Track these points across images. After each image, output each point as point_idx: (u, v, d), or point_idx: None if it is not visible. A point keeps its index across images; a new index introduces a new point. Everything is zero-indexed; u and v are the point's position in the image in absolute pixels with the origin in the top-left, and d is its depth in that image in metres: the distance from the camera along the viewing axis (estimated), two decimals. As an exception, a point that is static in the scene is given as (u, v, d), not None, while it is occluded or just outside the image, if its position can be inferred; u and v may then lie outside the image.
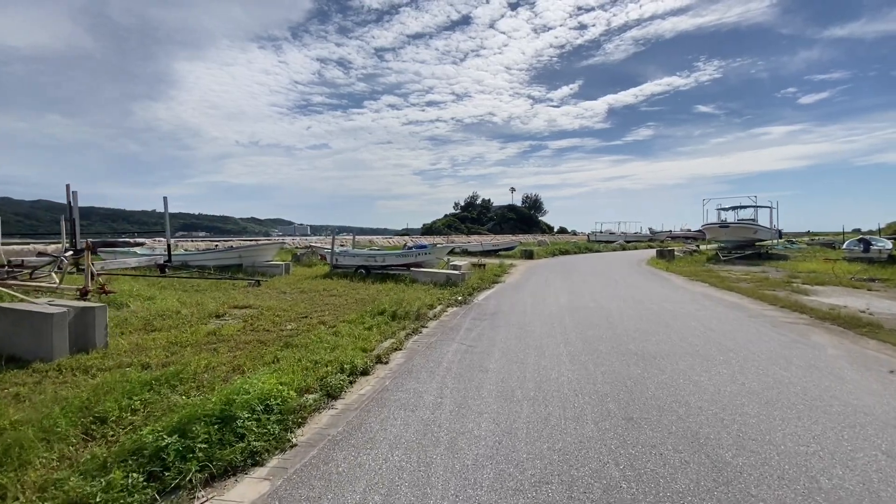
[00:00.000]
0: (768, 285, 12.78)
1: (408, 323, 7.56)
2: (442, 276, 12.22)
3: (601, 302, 10.00)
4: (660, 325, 7.45)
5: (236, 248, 15.77)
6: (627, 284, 13.48)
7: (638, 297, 10.82)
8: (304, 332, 6.71)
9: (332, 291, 11.08)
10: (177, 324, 7.07)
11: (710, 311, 8.80)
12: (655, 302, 9.97)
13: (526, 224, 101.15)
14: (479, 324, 7.76)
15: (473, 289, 11.98)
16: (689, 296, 11.03)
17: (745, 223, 23.79)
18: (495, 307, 9.45)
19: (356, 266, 14.28)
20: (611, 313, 8.57)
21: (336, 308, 8.88)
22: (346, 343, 5.96)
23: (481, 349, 6.07)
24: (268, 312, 8.10)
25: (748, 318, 8.21)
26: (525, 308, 9.29)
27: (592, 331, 7.07)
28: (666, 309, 9.05)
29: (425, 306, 8.94)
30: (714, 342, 6.34)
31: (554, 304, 9.79)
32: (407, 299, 9.16)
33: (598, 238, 51.69)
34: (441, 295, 10.59)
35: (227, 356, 5.41)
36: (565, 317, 8.23)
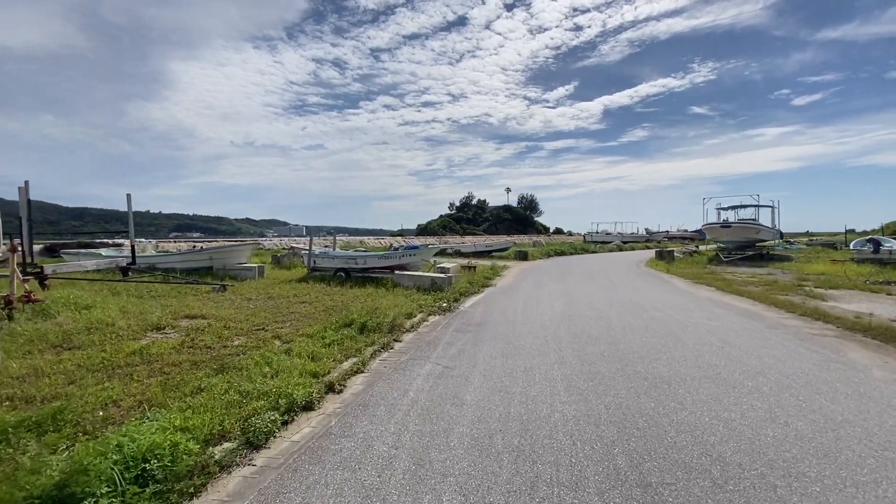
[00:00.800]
0: (779, 289, 11.84)
1: (378, 337, 6.52)
2: (426, 280, 11.19)
3: (600, 309, 9.00)
4: (669, 339, 6.44)
5: (206, 250, 14.66)
6: (627, 288, 12.50)
7: (640, 302, 9.83)
8: (252, 350, 5.66)
9: (303, 297, 10.01)
10: (103, 340, 5.98)
11: (722, 321, 7.82)
12: (660, 309, 8.98)
13: (521, 225, 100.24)
14: (462, 337, 6.72)
15: (460, 294, 10.95)
16: (696, 302, 10.05)
17: (748, 223, 22.90)
18: (482, 316, 8.41)
19: (335, 269, 13.21)
20: (612, 323, 7.56)
21: (301, 318, 7.83)
22: (296, 365, 4.91)
23: (459, 372, 5.04)
24: (218, 324, 7.03)
25: (767, 329, 7.23)
26: (515, 317, 8.26)
27: (592, 346, 6.05)
28: (673, 318, 8.05)
29: (402, 315, 7.90)
30: (736, 361, 5.33)
31: (548, 311, 8.77)
32: (383, 307, 8.12)
33: (595, 238, 50.75)
34: (424, 301, 9.55)
35: (138, 385, 4.35)
36: (560, 328, 7.21)
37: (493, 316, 8.39)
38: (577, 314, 8.45)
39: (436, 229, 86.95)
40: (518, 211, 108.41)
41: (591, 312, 8.60)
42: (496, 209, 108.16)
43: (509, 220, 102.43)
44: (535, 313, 8.59)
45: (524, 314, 8.52)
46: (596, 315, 8.33)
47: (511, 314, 8.53)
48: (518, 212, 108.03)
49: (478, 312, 8.80)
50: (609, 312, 8.59)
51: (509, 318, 8.18)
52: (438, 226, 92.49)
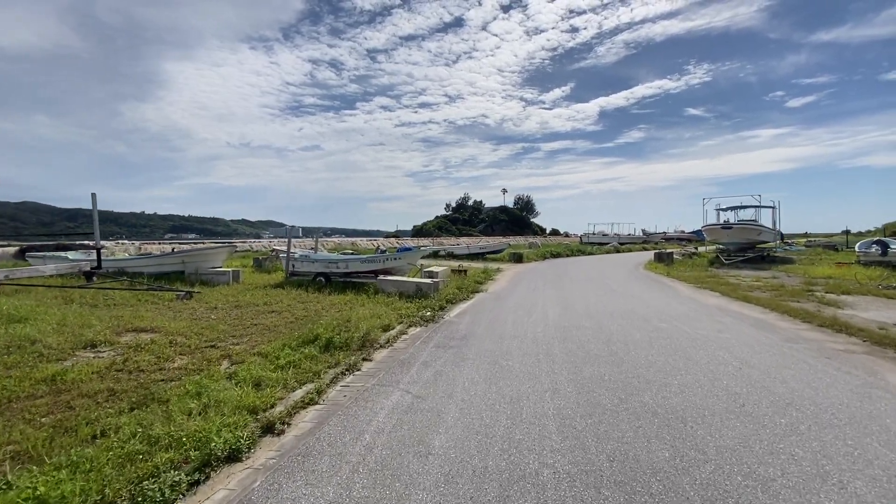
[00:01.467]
0: (788, 295, 11.07)
1: (345, 355, 5.67)
2: (411, 286, 10.34)
3: (599, 319, 8.18)
4: (678, 358, 5.63)
5: (178, 253, 13.74)
6: (627, 294, 11.70)
7: (642, 311, 9.02)
8: (191, 374, 4.81)
9: (273, 306, 9.14)
10: (18, 361, 5.10)
11: (735, 333, 7.01)
12: (665, 319, 8.17)
13: (518, 225, 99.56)
14: (442, 355, 5.88)
15: (447, 301, 10.11)
16: (703, 310, 9.26)
17: (749, 224, 22.18)
18: (468, 328, 7.58)
19: (314, 273, 12.34)
20: (612, 337, 6.74)
21: (263, 331, 6.97)
22: (233, 397, 4.05)
23: (432, 403, 4.20)
24: (164, 340, 6.16)
25: (785, 343, 6.43)
26: (504, 329, 7.43)
27: (590, 367, 5.22)
28: (680, 330, 7.24)
29: (378, 328, 7.06)
30: (760, 387, 4.52)
31: (541, 322, 7.95)
32: (357, 318, 7.27)
33: (591, 240, 50.04)
34: (406, 310, 8.71)
35: (26, 428, 3.48)
36: (554, 344, 6.38)
37: (480, 328, 7.55)
38: (573, 325, 7.63)
39: (431, 230, 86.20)
40: (514, 212, 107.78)
41: (588, 323, 7.78)
42: (492, 210, 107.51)
43: (505, 221, 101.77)
44: (526, 324, 7.76)
45: (515, 326, 7.68)
46: (594, 327, 7.51)
47: (500, 326, 7.70)
48: (514, 213, 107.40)
49: (464, 323, 7.96)
50: (609, 324, 7.77)
51: (498, 330, 7.35)
52: (434, 227, 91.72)
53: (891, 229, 47.21)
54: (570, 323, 7.84)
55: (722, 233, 21.95)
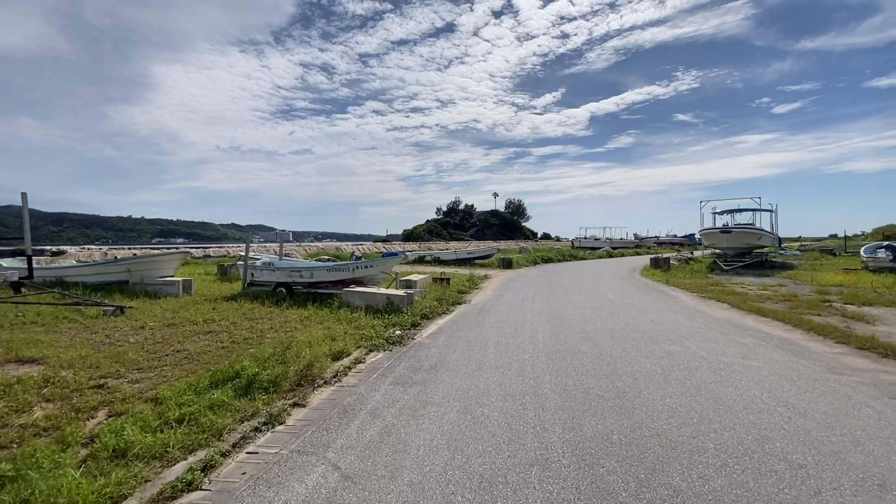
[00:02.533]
0: (805, 307, 9.91)
1: (270, 400, 4.32)
2: (381, 299, 8.99)
3: (598, 341, 6.89)
4: (704, 400, 4.34)
5: (123, 261, 12.23)
6: (627, 306, 10.45)
7: (647, 329, 7.76)
8: (40, 435, 3.42)
9: (213, 324, 7.74)
10: None
11: (764, 360, 5.76)
12: (675, 340, 6.91)
13: (509, 230, 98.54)
14: (399, 398, 4.54)
15: (423, 316, 8.78)
16: (716, 326, 8.02)
17: (749, 228, 21.14)
18: (440, 353, 6.24)
19: (275, 284, 10.93)
20: (616, 367, 5.45)
21: (182, 361, 5.58)
22: (66, 489, 2.67)
23: (361, 492, 2.85)
24: (38, 377, 4.74)
25: (830, 374, 5.19)
26: (484, 355, 6.11)
27: (592, 420, 3.91)
28: (696, 355, 5.97)
29: (327, 356, 5.71)
30: (830, 455, 3.24)
31: (529, 345, 6.64)
32: (304, 342, 5.91)
33: (583, 244, 49.06)
34: (371, 328, 7.36)
35: None
36: (545, 379, 5.06)
37: (456, 353, 6.22)
38: (568, 350, 6.32)
39: (422, 235, 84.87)
40: (506, 216, 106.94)
41: (586, 347, 6.48)
42: (484, 214, 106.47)
43: (497, 226, 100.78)
44: (511, 348, 6.45)
45: (497, 350, 6.36)
46: (593, 352, 6.21)
47: (479, 350, 6.37)
48: (506, 217, 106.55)
49: (437, 346, 6.62)
50: (610, 347, 6.48)
51: (476, 356, 6.02)
52: (425, 231, 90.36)
53: (883, 233, 46.92)
54: (564, 346, 6.53)
55: (721, 237, 20.90)
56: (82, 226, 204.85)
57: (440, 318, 8.92)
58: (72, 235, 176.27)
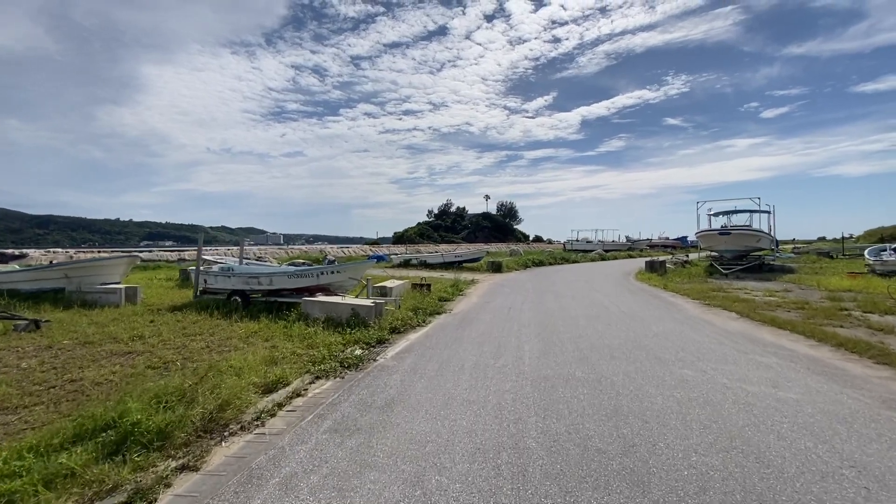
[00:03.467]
0: (822, 316, 8.89)
1: (148, 461, 3.12)
2: (345, 310, 7.79)
3: (596, 363, 5.76)
4: (744, 457, 3.21)
5: (59, 266, 10.89)
6: (625, 315, 9.36)
7: (652, 346, 6.66)
8: None
9: (140, 343, 6.50)
10: None
11: (800, 390, 4.66)
12: (687, 361, 5.80)
13: (501, 232, 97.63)
14: (330, 455, 3.35)
15: (392, 329, 7.60)
16: (730, 342, 6.94)
17: (748, 230, 20.20)
18: (402, 382, 5.06)
19: (229, 292, 9.67)
20: (620, 403, 4.31)
21: (68, 396, 4.36)
22: None
23: None
24: None
25: (886, 409, 4.11)
26: (457, 385, 4.94)
27: (594, 494, 2.76)
28: (717, 384, 4.85)
29: (256, 387, 4.52)
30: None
31: (512, 370, 5.48)
32: (232, 368, 4.72)
33: (575, 247, 48.16)
34: (326, 347, 6.17)
35: None
36: (529, 423, 3.90)
37: (422, 381, 5.05)
38: (559, 376, 5.17)
39: (413, 237, 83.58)
40: (497, 218, 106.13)
41: (581, 371, 5.34)
42: (475, 217, 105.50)
43: (489, 228, 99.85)
44: (491, 374, 5.29)
45: (474, 376, 5.20)
46: (590, 378, 5.07)
47: (452, 376, 5.20)
48: (497, 219, 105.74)
49: (400, 371, 5.44)
50: (610, 371, 5.35)
51: (446, 386, 4.85)
52: (416, 233, 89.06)
53: (874, 235, 46.61)
54: (555, 370, 5.38)
55: (719, 239, 19.96)
56: (69, 228, 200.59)
57: (413, 332, 7.73)
58: (58, 238, 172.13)
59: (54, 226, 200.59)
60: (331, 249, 38.12)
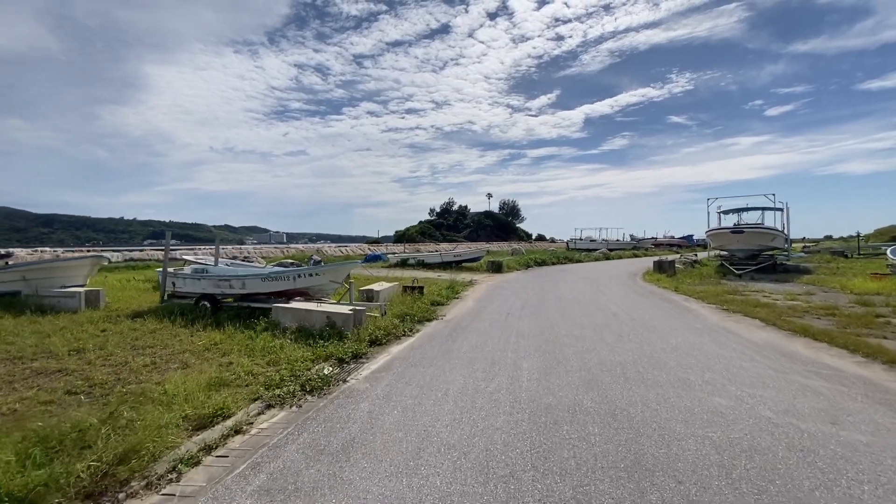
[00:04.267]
0: (855, 324, 7.92)
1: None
2: (319, 318, 6.88)
3: (606, 386, 4.82)
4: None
5: (15, 267, 10.04)
6: (637, 323, 8.41)
7: (670, 362, 5.71)
8: None
9: (76, 358, 5.61)
10: None
11: (871, 431, 3.71)
12: (716, 384, 4.85)
13: (503, 231, 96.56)
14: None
15: (373, 341, 6.69)
16: (762, 357, 5.98)
17: (762, 228, 19.14)
18: (370, 413, 4.13)
19: (198, 296, 8.78)
20: (643, 448, 3.37)
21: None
22: None
23: None
24: None
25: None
26: (436, 417, 4.01)
27: None
28: (762, 419, 3.91)
29: (188, 421, 3.62)
30: None
31: (506, 394, 4.55)
32: (166, 392, 3.82)
33: (579, 246, 47.09)
34: (287, 366, 5.26)
35: None
36: (524, 479, 2.97)
37: (395, 411, 4.12)
38: (563, 405, 4.24)
39: (414, 236, 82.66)
40: (500, 217, 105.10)
41: (590, 399, 4.40)
42: (478, 215, 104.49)
43: (491, 227, 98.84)
44: (480, 403, 4.35)
45: (459, 406, 4.27)
46: (601, 410, 4.13)
47: (433, 408, 4.27)
48: (500, 218, 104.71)
49: (371, 398, 4.52)
50: (625, 399, 4.40)
51: (423, 421, 3.92)
52: (417, 232, 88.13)
53: (888, 234, 45.41)
54: (558, 398, 4.44)
55: (731, 238, 18.92)
56: (73, 227, 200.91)
57: (396, 344, 6.81)
58: (62, 237, 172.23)
59: (59, 225, 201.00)
60: (328, 249, 37.26)
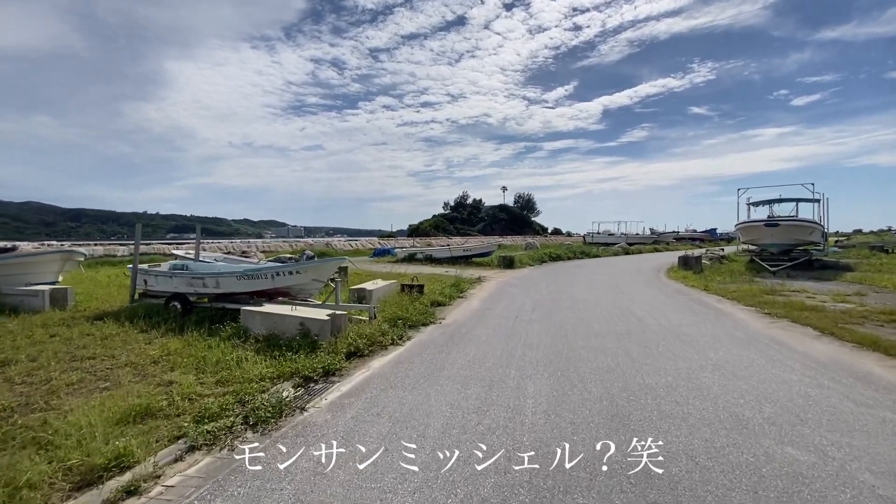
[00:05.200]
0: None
1: None
2: (291, 325, 5.89)
3: (636, 425, 3.69)
4: None
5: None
6: (668, 332, 7.22)
7: (717, 389, 4.54)
8: None
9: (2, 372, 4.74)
10: None
11: None
12: (784, 424, 3.69)
13: (518, 225, 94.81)
14: None
15: (352, 352, 5.68)
16: (832, 382, 4.76)
17: (800, 221, 17.48)
18: (315, 470, 3.10)
19: (170, 295, 7.89)
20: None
21: None
22: None
23: None
24: None
25: None
26: (398, 487, 2.96)
27: None
28: (863, 488, 2.75)
29: (61, 480, 2.63)
30: None
31: (503, 438, 3.46)
32: (69, 423, 2.87)
33: (596, 240, 45.30)
34: (242, 385, 4.28)
35: None
36: None
37: (346, 470, 3.08)
38: (581, 459, 3.14)
39: (428, 230, 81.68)
40: (514, 210, 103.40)
41: (617, 449, 3.28)
42: (492, 209, 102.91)
43: (505, 220, 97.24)
44: (465, 456, 3.29)
45: (437, 461, 3.21)
46: (630, 466, 3.02)
47: (398, 460, 3.22)
48: (514, 211, 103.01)
49: (324, 441, 3.49)
50: (666, 456, 3.28)
51: (383, 489, 2.87)
52: (431, 226, 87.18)
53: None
54: (573, 444, 3.33)
55: (764, 231, 17.32)
56: (99, 221, 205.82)
57: (380, 357, 5.78)
58: (89, 231, 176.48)
59: (86, 219, 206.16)
60: (338, 243, 36.55)
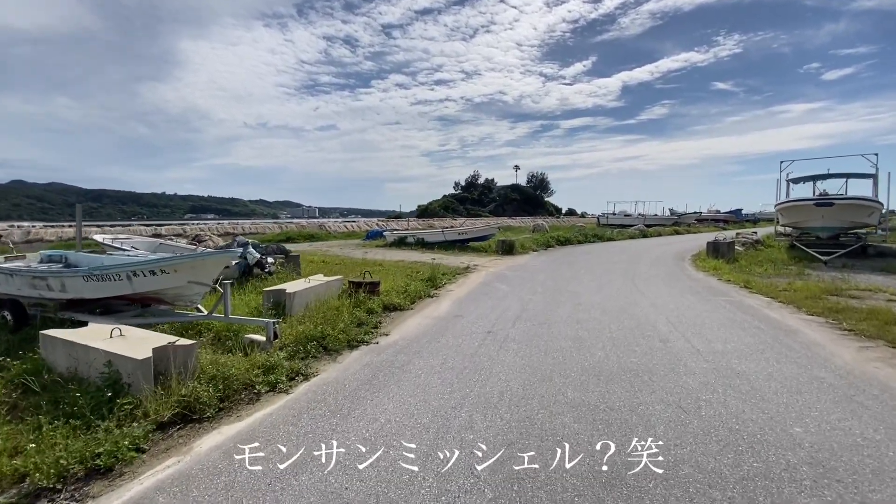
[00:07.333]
0: None
1: None
2: (96, 363, 3.67)
3: None
4: None
5: None
6: (710, 367, 4.82)
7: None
8: None
9: None
10: None
11: None
12: None
13: (531, 205, 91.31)
14: None
15: (191, 410, 3.45)
16: None
17: (859, 200, 14.45)
18: None
19: (4, 301, 5.76)
20: None
21: None
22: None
23: None
24: None
25: None
26: None
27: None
28: None
29: None
30: None
31: None
32: None
33: (611, 221, 42.25)
34: None
35: None
36: None
37: None
38: None
39: (437, 210, 79.07)
40: (527, 190, 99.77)
41: None
42: (504, 189, 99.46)
43: (517, 201, 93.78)
44: None
45: None
46: None
47: None
48: (527, 191, 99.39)
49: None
50: None
51: None
52: (440, 207, 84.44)
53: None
54: None
55: (815, 212, 14.40)
56: (120, 202, 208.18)
57: (219, 428, 3.51)
58: (110, 212, 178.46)
59: (107, 199, 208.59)
60: (332, 224, 34.39)
